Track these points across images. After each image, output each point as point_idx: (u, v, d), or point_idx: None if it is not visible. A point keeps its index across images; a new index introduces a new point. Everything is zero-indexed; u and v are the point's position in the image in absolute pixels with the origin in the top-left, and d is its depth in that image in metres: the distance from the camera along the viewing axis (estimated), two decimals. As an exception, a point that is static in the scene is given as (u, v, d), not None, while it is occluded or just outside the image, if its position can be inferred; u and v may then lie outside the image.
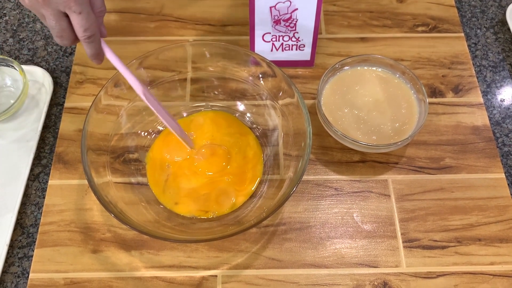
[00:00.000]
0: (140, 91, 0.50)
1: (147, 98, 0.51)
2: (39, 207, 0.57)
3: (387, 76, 0.61)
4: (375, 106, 0.59)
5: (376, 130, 0.57)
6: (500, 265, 0.52)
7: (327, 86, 0.60)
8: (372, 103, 0.59)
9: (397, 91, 0.60)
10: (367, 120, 0.58)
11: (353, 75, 0.61)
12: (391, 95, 0.59)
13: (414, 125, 0.57)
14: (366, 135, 0.57)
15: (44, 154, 0.60)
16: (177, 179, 0.56)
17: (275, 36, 0.62)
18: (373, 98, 0.59)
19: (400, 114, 0.58)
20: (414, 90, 0.59)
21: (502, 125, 0.63)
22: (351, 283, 0.51)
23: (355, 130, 0.57)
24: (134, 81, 0.50)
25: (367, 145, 0.55)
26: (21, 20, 0.72)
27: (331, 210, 0.56)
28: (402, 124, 0.57)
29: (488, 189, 0.57)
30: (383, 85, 0.60)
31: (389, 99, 0.59)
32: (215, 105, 0.62)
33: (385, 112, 0.58)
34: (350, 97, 0.59)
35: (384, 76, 0.61)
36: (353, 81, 0.60)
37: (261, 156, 0.58)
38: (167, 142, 0.59)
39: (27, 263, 0.53)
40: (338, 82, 0.60)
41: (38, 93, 0.64)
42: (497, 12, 0.73)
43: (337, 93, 0.59)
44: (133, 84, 0.50)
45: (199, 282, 0.51)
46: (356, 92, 0.60)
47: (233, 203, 0.55)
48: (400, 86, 0.60)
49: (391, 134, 0.57)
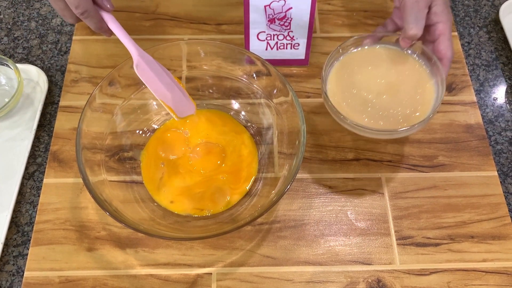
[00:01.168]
0: (139, 61, 0.51)
1: (151, 69, 0.52)
2: (34, 206, 0.57)
3: (403, 56, 0.55)
4: (387, 89, 0.54)
5: (384, 114, 0.52)
6: (492, 262, 0.53)
7: (337, 63, 0.56)
8: (384, 86, 0.54)
9: (413, 74, 0.54)
10: (375, 104, 0.53)
11: (367, 54, 0.56)
12: (406, 78, 0.54)
13: (429, 111, 0.52)
14: (372, 119, 0.52)
15: (39, 152, 0.60)
16: (172, 177, 0.56)
17: (270, 35, 0.62)
18: (385, 80, 0.54)
19: (414, 100, 0.53)
20: (431, 72, 0.54)
21: (495, 124, 0.64)
22: (345, 280, 0.52)
23: (360, 114, 0.53)
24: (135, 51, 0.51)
25: (371, 130, 0.51)
26: (15, 19, 0.72)
27: (325, 208, 0.56)
28: (414, 110, 0.52)
29: (480, 187, 0.58)
30: (399, 66, 0.55)
31: (403, 82, 0.54)
32: (210, 104, 0.62)
33: (396, 95, 0.53)
34: (359, 77, 0.55)
35: (400, 56, 0.55)
36: (365, 60, 0.56)
37: (256, 155, 0.58)
38: (162, 140, 0.59)
39: (22, 262, 0.53)
40: (348, 61, 0.56)
41: (33, 91, 0.64)
42: (490, 11, 0.74)
43: (346, 72, 0.55)
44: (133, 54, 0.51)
45: (194, 279, 0.52)
46: (367, 73, 0.55)
47: (228, 201, 0.55)
48: (417, 68, 0.55)
49: (400, 120, 0.52)
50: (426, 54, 0.55)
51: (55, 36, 0.70)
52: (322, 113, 0.62)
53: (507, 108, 0.65)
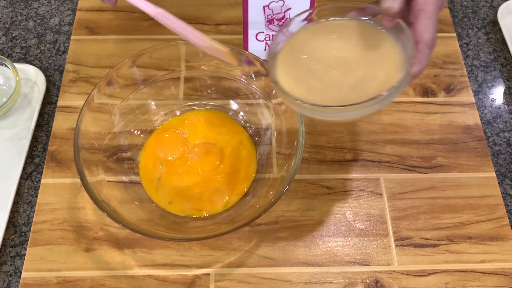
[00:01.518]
0: (154, 13, 0.48)
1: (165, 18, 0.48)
2: (31, 206, 0.57)
3: (378, 33, 0.45)
4: (340, 64, 0.45)
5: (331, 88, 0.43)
6: (491, 263, 0.53)
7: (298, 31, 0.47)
8: (342, 60, 0.45)
9: (379, 49, 0.45)
10: (321, 77, 0.44)
11: (329, 26, 0.47)
12: (370, 54, 0.45)
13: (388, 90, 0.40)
14: (314, 94, 0.43)
15: (36, 152, 0.60)
16: (170, 178, 0.56)
17: (269, 36, 0.62)
18: (344, 54, 0.45)
19: (373, 78, 0.43)
20: (405, 56, 0.43)
21: (493, 125, 0.64)
22: (343, 281, 0.52)
23: (301, 84, 0.44)
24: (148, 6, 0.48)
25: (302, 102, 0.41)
26: (13, 18, 0.72)
27: (323, 209, 0.56)
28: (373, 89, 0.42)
29: (479, 188, 0.58)
30: (367, 42, 0.45)
31: (365, 59, 0.45)
32: (209, 104, 0.62)
33: (350, 73, 0.44)
34: (315, 48, 0.46)
35: (372, 33, 0.45)
36: (327, 32, 0.47)
37: (254, 155, 0.58)
38: (160, 140, 0.59)
39: (20, 262, 0.53)
40: (308, 31, 0.47)
41: (30, 91, 0.64)
42: (488, 12, 0.74)
43: (302, 49, 0.46)
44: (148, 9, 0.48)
45: (192, 280, 0.51)
46: (327, 48, 0.46)
47: (226, 201, 0.55)
48: (387, 46, 0.44)
49: (349, 93, 0.43)
50: (403, 36, 0.43)
51: (53, 36, 0.70)
52: (321, 114, 0.62)
53: (505, 109, 0.65)
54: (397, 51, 0.44)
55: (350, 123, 0.62)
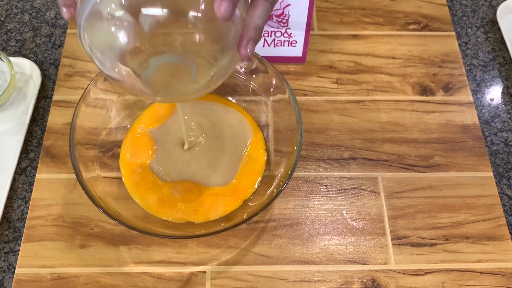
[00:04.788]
0: None
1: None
2: (26, 201, 0.56)
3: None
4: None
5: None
6: (487, 262, 0.53)
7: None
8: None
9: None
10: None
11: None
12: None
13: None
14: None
15: (31, 147, 0.60)
16: (152, 189, 0.54)
17: (267, 32, 0.62)
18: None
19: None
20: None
21: (491, 124, 0.64)
22: (340, 280, 0.51)
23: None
24: None
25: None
26: (8, 11, 0.71)
27: (321, 207, 0.56)
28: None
29: (476, 187, 0.58)
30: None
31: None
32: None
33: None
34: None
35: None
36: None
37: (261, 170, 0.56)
38: (130, 144, 0.57)
39: (13, 258, 0.52)
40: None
41: (25, 85, 0.63)
42: (487, 11, 0.74)
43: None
44: None
45: (188, 278, 0.51)
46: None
47: (222, 211, 0.53)
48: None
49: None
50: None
51: (49, 29, 0.69)
52: (319, 111, 0.62)
53: (504, 109, 0.65)
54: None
55: (349, 122, 0.61)
